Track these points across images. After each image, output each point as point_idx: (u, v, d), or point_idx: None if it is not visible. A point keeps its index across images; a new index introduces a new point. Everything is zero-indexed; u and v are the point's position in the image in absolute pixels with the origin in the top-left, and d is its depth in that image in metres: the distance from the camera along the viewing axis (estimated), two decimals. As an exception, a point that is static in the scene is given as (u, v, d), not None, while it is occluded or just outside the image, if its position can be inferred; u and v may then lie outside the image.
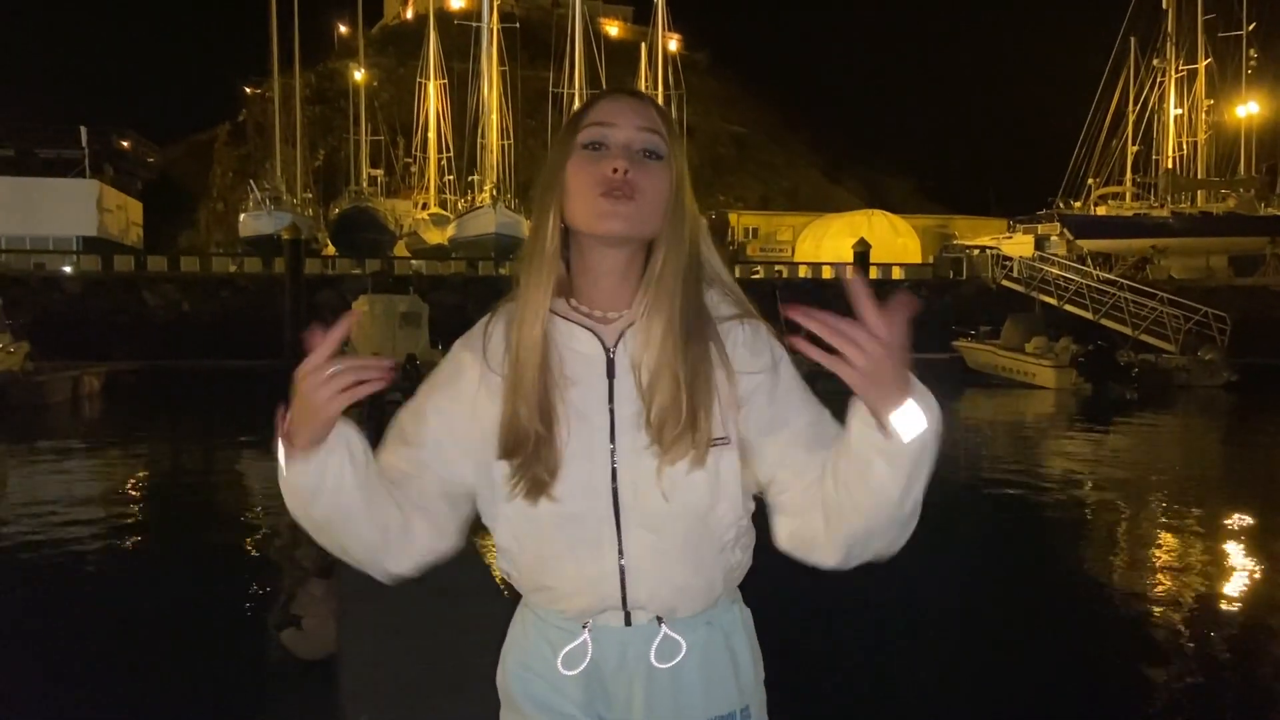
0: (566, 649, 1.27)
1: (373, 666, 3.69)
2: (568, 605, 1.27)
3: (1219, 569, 7.67)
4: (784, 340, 1.29)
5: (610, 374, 1.24)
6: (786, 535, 1.26)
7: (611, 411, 1.23)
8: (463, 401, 1.27)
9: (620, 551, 1.23)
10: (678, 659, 1.26)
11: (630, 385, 1.23)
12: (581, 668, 1.27)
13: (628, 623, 1.26)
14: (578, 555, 1.24)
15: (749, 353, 1.26)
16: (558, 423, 1.22)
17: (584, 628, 1.27)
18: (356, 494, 1.19)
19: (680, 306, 1.22)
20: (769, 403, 1.26)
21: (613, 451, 1.23)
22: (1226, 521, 9.55)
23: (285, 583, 6.42)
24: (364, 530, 1.22)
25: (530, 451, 1.21)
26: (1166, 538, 8.87)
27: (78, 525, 8.79)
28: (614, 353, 1.24)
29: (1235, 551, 8.35)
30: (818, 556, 1.23)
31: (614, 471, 1.23)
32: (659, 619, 1.27)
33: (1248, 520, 9.55)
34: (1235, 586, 7.21)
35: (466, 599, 4.34)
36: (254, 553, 8.08)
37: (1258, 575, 7.51)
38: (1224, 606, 6.69)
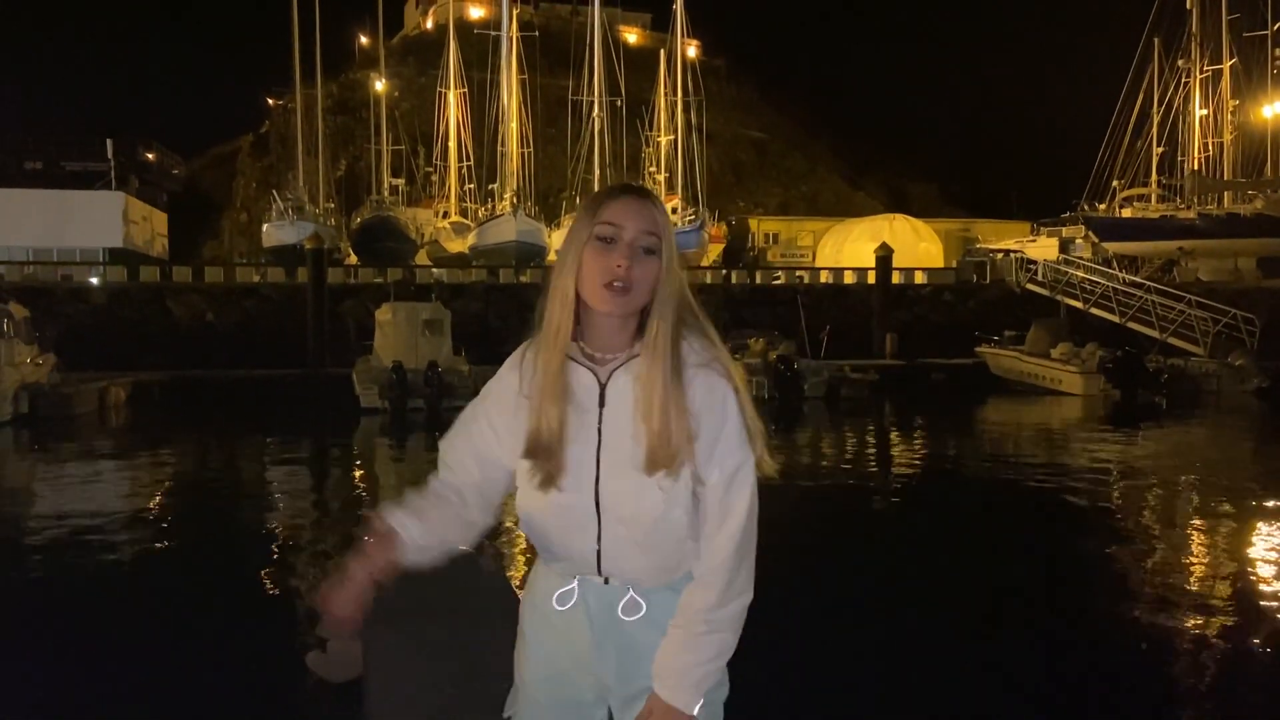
0: (559, 591, 1.70)
1: (398, 689, 3.65)
2: (562, 567, 1.70)
3: (1250, 576, 7.52)
4: (811, 353, 1.77)
5: (601, 403, 1.63)
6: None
7: (600, 432, 1.62)
8: (506, 412, 1.70)
9: (599, 538, 1.63)
10: (638, 615, 1.67)
11: (616, 414, 1.62)
12: (569, 605, 1.69)
13: (606, 582, 1.68)
14: (568, 535, 1.65)
15: (706, 396, 1.62)
16: (565, 436, 1.61)
17: (574, 578, 1.69)
18: (420, 555, 1.76)
19: (667, 362, 1.60)
20: (712, 441, 1.62)
21: (598, 463, 1.62)
22: (1257, 531, 9.38)
23: (310, 604, 6.39)
24: (440, 550, 1.78)
25: (546, 454, 1.62)
26: (1197, 547, 8.72)
27: (103, 538, 8.83)
28: (605, 387, 1.63)
29: (1266, 557, 8.19)
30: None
31: (598, 478, 1.61)
32: (628, 585, 1.67)
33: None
34: (1266, 591, 7.06)
35: (490, 620, 4.30)
36: (279, 572, 8.07)
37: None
38: (1253, 611, 6.55)
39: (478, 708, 3.43)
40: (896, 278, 32.27)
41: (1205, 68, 44.29)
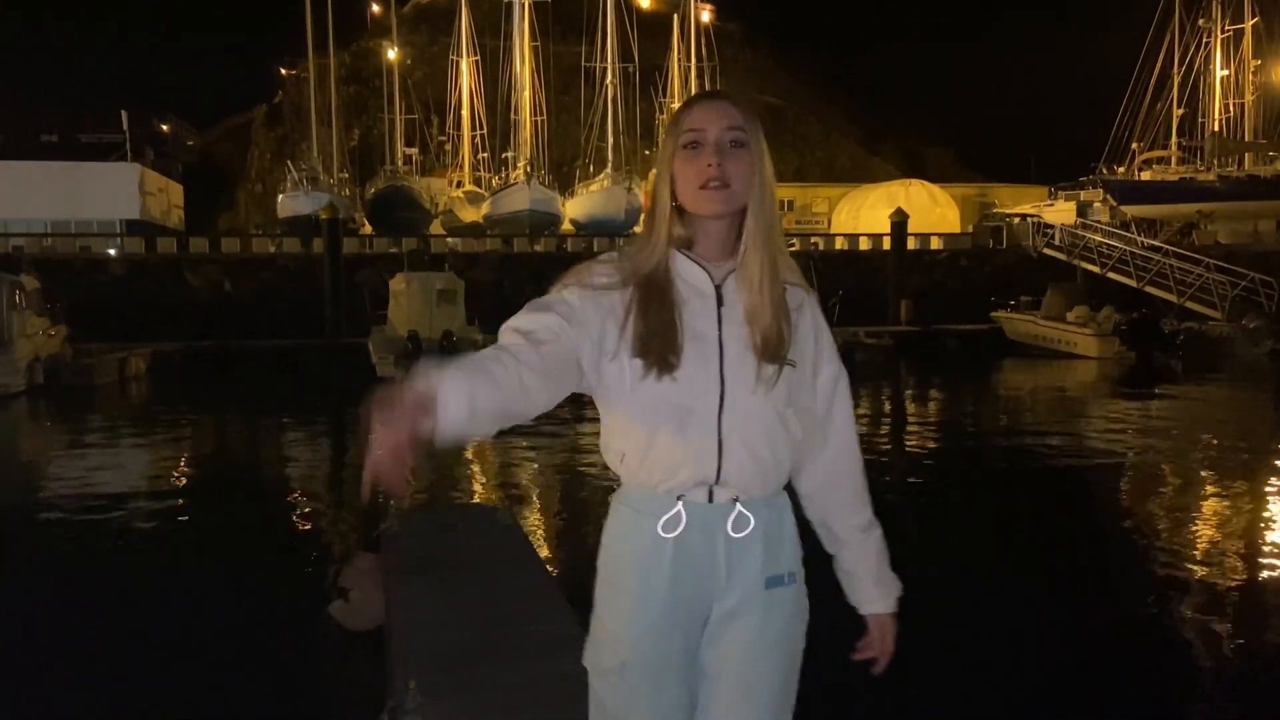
0: (665, 516, 1.64)
1: (420, 636, 3.77)
2: (669, 478, 1.64)
3: (1264, 537, 7.58)
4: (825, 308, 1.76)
5: (720, 302, 1.65)
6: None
7: (720, 329, 1.64)
8: (608, 301, 1.62)
9: (720, 433, 1.62)
10: (747, 530, 1.66)
11: (733, 312, 1.65)
12: (678, 531, 1.64)
13: (710, 500, 1.65)
14: (687, 434, 1.62)
15: (799, 307, 1.71)
16: (680, 331, 1.61)
17: (678, 499, 1.64)
18: (485, 420, 1.43)
19: (768, 258, 1.65)
20: (812, 352, 1.71)
21: (721, 359, 1.63)
22: (1269, 490, 9.43)
23: (333, 556, 6.56)
24: (501, 420, 1.48)
25: (663, 343, 1.59)
26: (1210, 508, 8.77)
27: (128, 502, 9.02)
28: (722, 287, 1.66)
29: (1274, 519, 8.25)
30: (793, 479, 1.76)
31: (721, 374, 1.62)
32: (735, 499, 1.65)
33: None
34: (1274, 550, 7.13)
35: (508, 570, 4.42)
36: (301, 528, 8.25)
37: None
38: (1269, 571, 6.62)
39: (504, 654, 3.56)
40: (912, 244, 32.08)
41: (1226, 27, 43.60)
